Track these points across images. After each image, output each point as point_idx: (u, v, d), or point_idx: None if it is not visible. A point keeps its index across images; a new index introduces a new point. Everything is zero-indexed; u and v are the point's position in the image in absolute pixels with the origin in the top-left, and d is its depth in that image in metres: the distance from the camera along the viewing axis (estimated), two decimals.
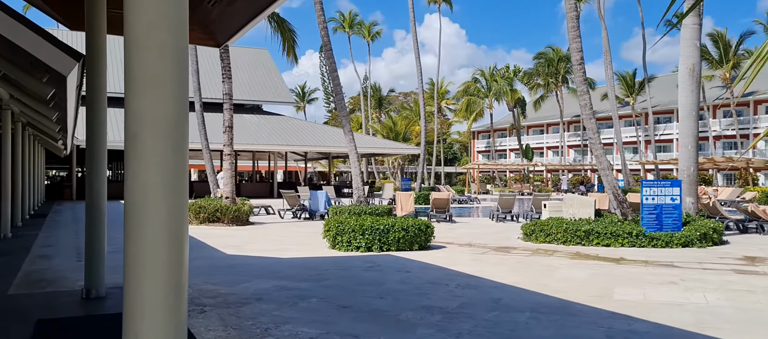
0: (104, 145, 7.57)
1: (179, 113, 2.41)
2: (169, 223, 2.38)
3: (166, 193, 2.37)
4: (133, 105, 2.36)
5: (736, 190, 30.53)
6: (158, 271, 2.39)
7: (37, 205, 26.26)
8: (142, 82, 2.35)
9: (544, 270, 9.84)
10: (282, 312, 6.70)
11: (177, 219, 2.41)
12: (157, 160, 2.35)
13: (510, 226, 18.58)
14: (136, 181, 2.37)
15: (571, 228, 13.12)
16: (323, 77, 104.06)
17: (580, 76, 13.97)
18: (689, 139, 14.02)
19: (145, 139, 2.34)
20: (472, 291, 8.01)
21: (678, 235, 12.65)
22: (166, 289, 2.39)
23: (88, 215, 7.41)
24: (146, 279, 2.39)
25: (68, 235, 15.36)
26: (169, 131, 2.37)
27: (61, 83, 8.35)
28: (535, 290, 8.09)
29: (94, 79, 7.57)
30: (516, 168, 60.37)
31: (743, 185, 39.24)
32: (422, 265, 10.36)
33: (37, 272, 9.30)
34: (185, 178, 2.46)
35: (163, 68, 2.36)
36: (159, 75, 2.35)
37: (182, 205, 2.43)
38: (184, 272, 2.46)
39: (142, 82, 2.35)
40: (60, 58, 7.07)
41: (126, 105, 2.40)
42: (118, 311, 6.72)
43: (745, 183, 40.88)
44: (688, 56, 13.97)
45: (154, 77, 2.35)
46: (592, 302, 7.31)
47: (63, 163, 45.18)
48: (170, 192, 2.38)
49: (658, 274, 9.33)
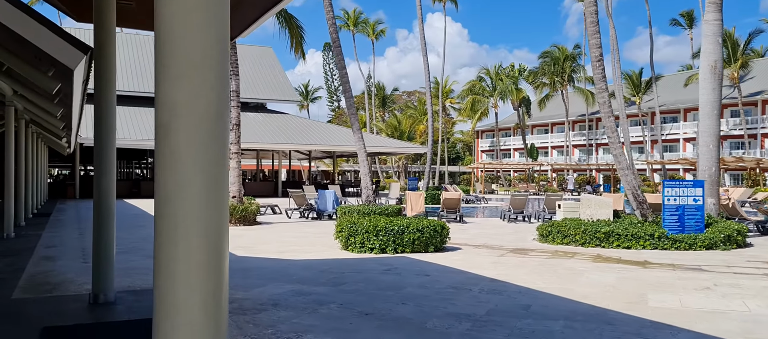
0: (113, 141, 7.21)
1: (219, 101, 2.03)
2: (207, 228, 2.01)
3: (205, 192, 2.00)
4: (167, 93, 1.99)
5: (746, 191, 30.09)
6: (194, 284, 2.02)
7: (40, 204, 25.93)
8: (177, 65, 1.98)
9: (568, 274, 9.46)
10: (301, 319, 6.33)
11: (217, 224, 2.05)
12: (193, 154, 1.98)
13: (523, 226, 18.20)
14: (169, 179, 1.99)
15: (590, 229, 12.74)
16: (326, 76, 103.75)
17: (599, 73, 13.57)
18: (711, 139, 13.62)
19: (179, 131, 1.97)
20: (497, 296, 7.63)
21: (701, 237, 12.26)
22: (204, 307, 2.02)
23: (96, 214, 7.05)
24: (180, 294, 2.02)
25: (73, 234, 15.01)
26: (208, 121, 2.00)
27: (67, 77, 7.98)
28: (563, 296, 7.71)
29: (102, 73, 7.21)
30: (521, 167, 59.98)
31: (752, 185, 38.80)
32: (441, 268, 9.98)
33: (41, 274, 8.95)
34: (225, 175, 2.09)
35: (202, 48, 1.99)
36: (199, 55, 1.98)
37: (222, 207, 2.07)
38: (224, 286, 2.10)
39: (178, 66, 1.98)
40: (67, 50, 6.71)
41: (158, 93, 2.03)
42: (129, 318, 6.38)
43: (755, 183, 40.44)
44: (709, 53, 13.56)
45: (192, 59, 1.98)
46: (627, 309, 6.93)
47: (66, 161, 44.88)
48: (209, 191, 2.01)
49: (689, 279, 8.95)
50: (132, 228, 16.59)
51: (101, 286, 6.93)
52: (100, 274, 6.94)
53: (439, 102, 61.21)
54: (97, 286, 6.93)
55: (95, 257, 7.01)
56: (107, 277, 6.97)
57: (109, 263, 7.00)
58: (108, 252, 7.01)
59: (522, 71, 67.72)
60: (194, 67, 1.97)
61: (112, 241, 7.07)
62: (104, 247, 6.98)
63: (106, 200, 7.04)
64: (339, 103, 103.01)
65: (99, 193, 7.03)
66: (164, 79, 1.99)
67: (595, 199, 14.36)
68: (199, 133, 1.98)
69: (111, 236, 7.06)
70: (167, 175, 1.99)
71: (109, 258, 7.01)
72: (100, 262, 6.97)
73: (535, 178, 60.55)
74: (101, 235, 7.01)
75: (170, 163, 1.98)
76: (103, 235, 7.01)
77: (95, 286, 6.95)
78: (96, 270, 6.97)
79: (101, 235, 7.00)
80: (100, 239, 7.00)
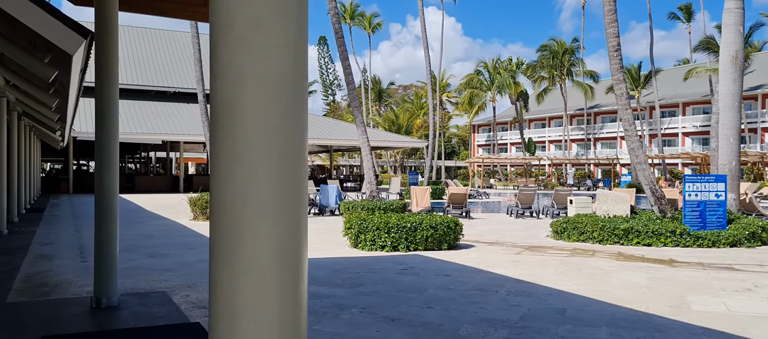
0: (116, 134, 6.66)
1: (297, 68, 1.51)
2: (280, 233, 1.50)
3: (278, 185, 1.49)
4: (227, 58, 1.47)
5: (752, 185, 29.71)
6: (266, 303, 1.50)
7: (33, 199, 25.30)
8: (240, 24, 1.46)
9: (595, 273, 8.98)
10: (323, 326, 5.82)
11: (293, 226, 1.53)
12: (263, 137, 1.46)
13: (532, 222, 17.74)
14: (236, 170, 1.47)
15: (608, 226, 12.27)
16: (321, 70, 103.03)
17: (617, 63, 13.08)
18: (731, 132, 13.16)
19: (246, 106, 1.45)
20: (527, 299, 7.15)
21: (725, 234, 11.81)
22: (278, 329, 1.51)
23: (98, 212, 6.52)
24: (247, 315, 1.50)
25: (68, 231, 14.43)
26: (282, 94, 1.48)
27: (65, 65, 7.43)
28: (597, 298, 7.23)
29: (104, 60, 6.66)
30: (519, 162, 59.55)
31: (755, 180, 38.48)
32: (459, 267, 9.49)
33: (38, 275, 8.40)
34: (304, 163, 1.57)
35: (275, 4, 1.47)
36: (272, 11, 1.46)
37: (300, 206, 1.56)
38: (302, 304, 1.58)
39: (242, 24, 1.45)
40: (65, 34, 6.16)
41: (216, 62, 1.50)
42: (136, 325, 5.84)
43: (758, 178, 40.12)
44: (730, 42, 13.09)
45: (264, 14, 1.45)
46: (671, 314, 6.45)
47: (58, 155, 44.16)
48: (284, 184, 1.50)
49: (725, 279, 8.48)
50: (130, 224, 16.02)
51: (104, 288, 6.40)
52: (103, 276, 6.42)
53: (437, 96, 60.68)
54: (99, 289, 6.41)
55: (97, 258, 6.48)
56: (110, 279, 6.44)
57: (112, 264, 6.47)
58: (111, 252, 6.48)
59: (520, 65, 67.20)
60: (269, 19, 1.45)
61: (116, 240, 6.54)
62: (107, 247, 6.46)
63: (109, 197, 6.51)
64: (334, 98, 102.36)
65: (101, 189, 6.50)
66: (224, 39, 1.47)
67: (611, 194, 13.89)
68: (274, 109, 1.46)
69: (114, 235, 6.53)
70: (231, 164, 1.46)
71: (112, 258, 6.48)
72: (102, 263, 6.44)
73: (532, 173, 60.15)
74: (103, 233, 6.48)
75: (233, 151, 1.46)
76: (105, 233, 6.48)
77: (97, 289, 6.42)
78: (98, 272, 6.44)
79: (103, 234, 6.48)
80: (102, 238, 6.47)
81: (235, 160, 1.47)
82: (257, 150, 1.46)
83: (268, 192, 1.48)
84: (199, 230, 14.55)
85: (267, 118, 1.47)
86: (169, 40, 47.87)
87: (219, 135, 1.49)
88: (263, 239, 1.47)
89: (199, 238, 13.06)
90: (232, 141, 1.47)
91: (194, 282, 7.89)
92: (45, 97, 11.89)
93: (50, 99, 11.96)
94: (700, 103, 59.37)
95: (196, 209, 17.29)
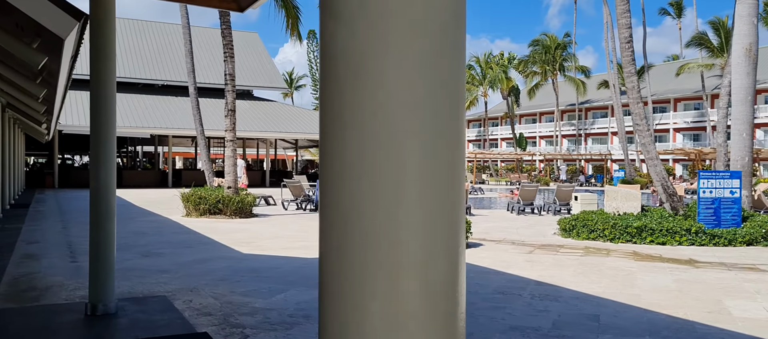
0: (113, 126, 6.11)
1: (457, 20, 1.01)
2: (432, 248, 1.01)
3: (433, 185, 1.01)
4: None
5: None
6: None
7: (17, 195, 24.52)
8: None
9: (617, 275, 8.55)
10: None
11: (452, 238, 1.04)
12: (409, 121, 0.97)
13: (535, 219, 17.33)
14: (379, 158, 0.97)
15: (619, 224, 11.86)
16: (311, 64, 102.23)
17: (628, 55, 12.65)
18: (744, 126, 12.79)
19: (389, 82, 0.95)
20: (554, 303, 6.70)
21: (741, 233, 11.45)
22: None
23: (94, 211, 5.96)
24: None
25: (55, 227, 13.80)
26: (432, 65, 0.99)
27: (55, 50, 6.83)
28: (628, 303, 6.80)
29: (100, 45, 6.09)
30: (511, 157, 59.28)
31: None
32: (473, 268, 9.02)
33: (25, 277, 7.83)
34: (463, 158, 1.07)
35: None
36: None
37: (458, 210, 1.07)
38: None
39: None
40: (56, 16, 5.61)
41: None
42: (137, 335, 5.31)
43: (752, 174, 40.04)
44: (744, 35, 12.71)
45: None
46: (712, 321, 6.02)
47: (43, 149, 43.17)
48: (438, 182, 1.02)
49: (755, 281, 8.09)
50: (120, 221, 15.34)
51: (100, 294, 5.85)
52: (99, 281, 5.87)
53: None
54: (95, 295, 5.85)
55: (93, 260, 5.93)
56: (107, 283, 5.90)
57: (109, 267, 5.93)
58: (108, 254, 5.93)
59: (511, 59, 66.91)
60: None
61: (113, 241, 5.99)
62: (104, 249, 5.91)
63: (106, 194, 5.96)
64: None
65: (97, 186, 5.94)
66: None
67: (621, 190, 13.49)
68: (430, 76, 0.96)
69: (111, 236, 5.98)
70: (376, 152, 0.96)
71: (109, 261, 5.94)
72: (98, 266, 5.89)
73: (524, 168, 59.90)
74: (100, 234, 5.93)
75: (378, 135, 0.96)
76: (102, 234, 5.93)
77: (93, 295, 5.86)
78: (94, 275, 5.89)
79: (100, 235, 5.93)
80: (98, 239, 5.92)
81: (380, 147, 0.97)
82: (400, 133, 0.96)
83: (417, 180, 0.98)
84: (193, 227, 13.97)
85: (413, 95, 0.97)
86: (158, 32, 46.95)
87: (347, 111, 0.98)
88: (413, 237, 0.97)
89: (193, 236, 12.49)
90: (375, 122, 0.96)
91: (195, 285, 7.36)
92: (32, 86, 11.25)
93: (37, 89, 11.32)
94: (691, 98, 59.38)
95: (188, 205, 16.69)
